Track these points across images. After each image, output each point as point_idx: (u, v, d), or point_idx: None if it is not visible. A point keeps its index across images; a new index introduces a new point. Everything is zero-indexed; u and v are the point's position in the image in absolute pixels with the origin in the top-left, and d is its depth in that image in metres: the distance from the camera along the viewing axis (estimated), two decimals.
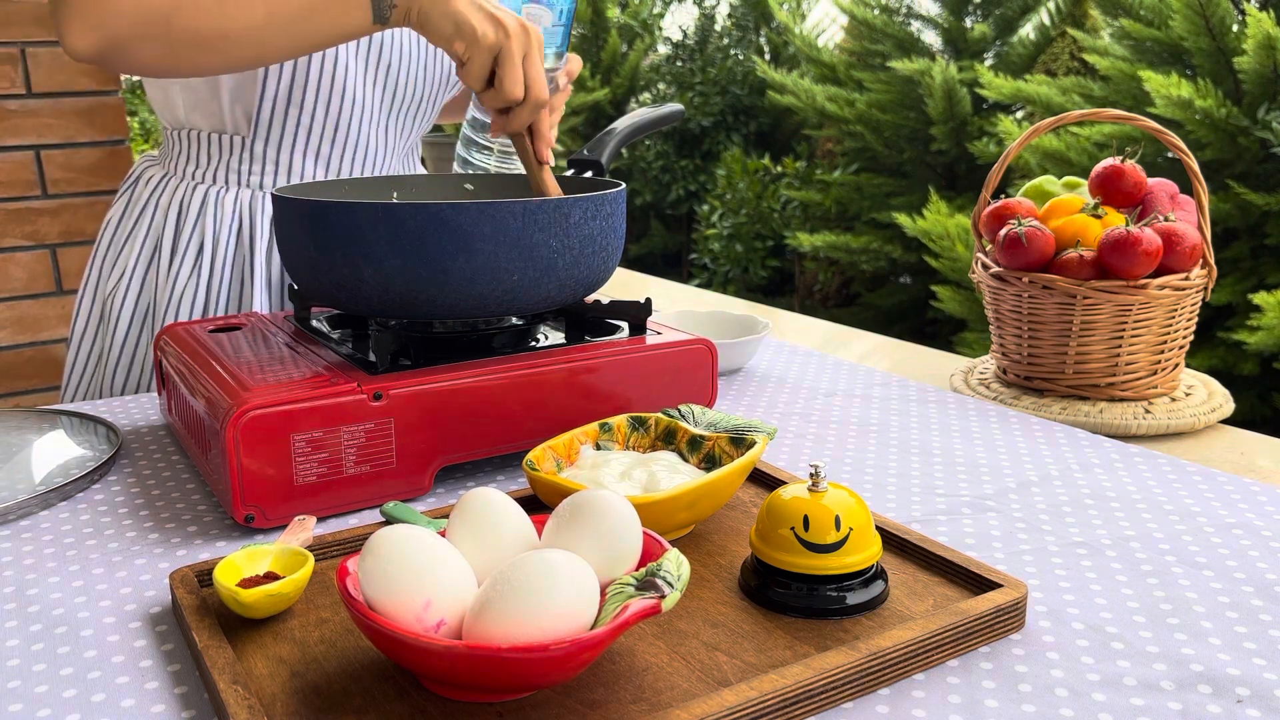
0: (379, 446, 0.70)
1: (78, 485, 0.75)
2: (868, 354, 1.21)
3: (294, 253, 0.76)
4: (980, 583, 0.56)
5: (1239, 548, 0.64)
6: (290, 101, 1.00)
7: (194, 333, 0.84)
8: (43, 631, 0.56)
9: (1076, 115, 0.93)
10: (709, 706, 0.45)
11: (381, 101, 1.05)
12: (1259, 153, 2.86)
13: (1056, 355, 0.93)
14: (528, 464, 0.65)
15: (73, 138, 1.91)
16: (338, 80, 1.00)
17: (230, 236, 1.04)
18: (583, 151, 0.97)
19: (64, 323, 1.97)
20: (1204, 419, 0.89)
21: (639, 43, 5.93)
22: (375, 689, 0.49)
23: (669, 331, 0.84)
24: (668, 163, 5.68)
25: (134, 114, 5.55)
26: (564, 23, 0.94)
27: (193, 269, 1.04)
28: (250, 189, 1.04)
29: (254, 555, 0.57)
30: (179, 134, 1.06)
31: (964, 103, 3.86)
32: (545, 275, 0.74)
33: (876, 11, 4.40)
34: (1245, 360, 2.87)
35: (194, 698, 0.50)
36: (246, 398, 0.66)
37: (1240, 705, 0.48)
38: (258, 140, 1.02)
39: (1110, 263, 0.88)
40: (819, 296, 4.99)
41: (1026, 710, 0.48)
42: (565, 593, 0.44)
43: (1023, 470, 0.77)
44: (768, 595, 0.55)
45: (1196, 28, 2.89)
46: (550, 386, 0.76)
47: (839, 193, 4.43)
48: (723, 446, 0.68)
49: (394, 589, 0.46)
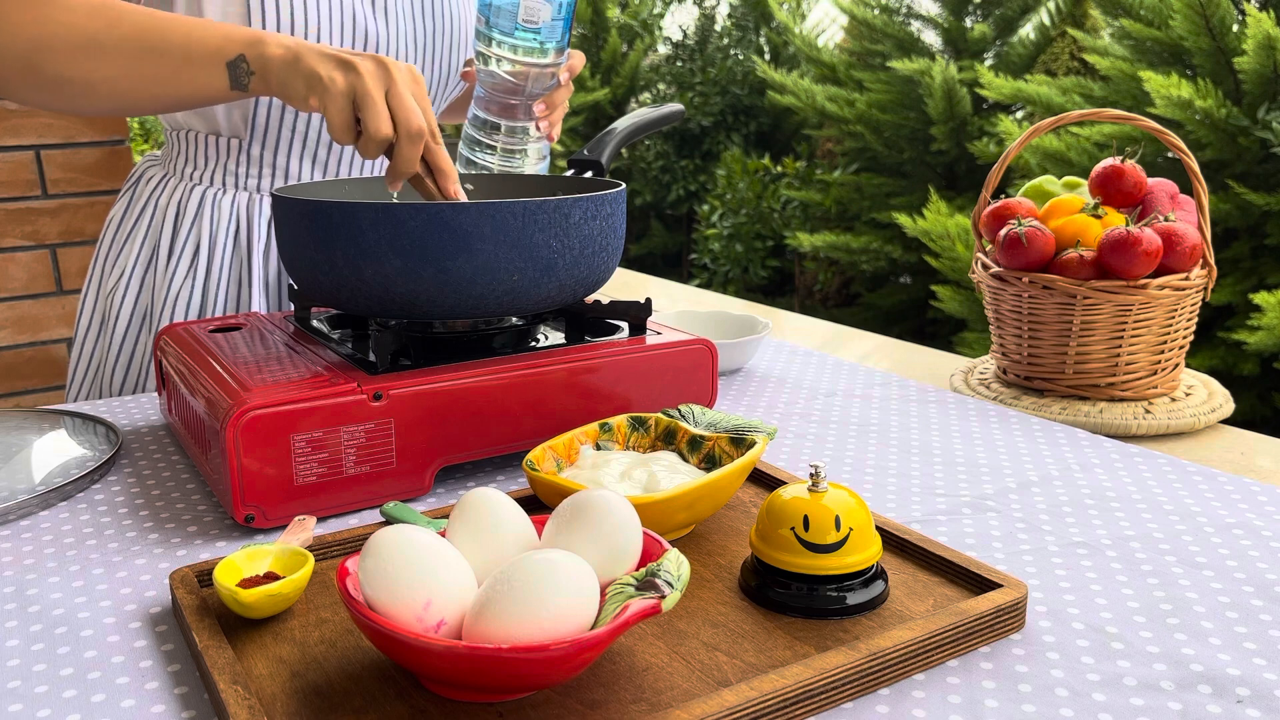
0: (379, 446, 0.70)
1: (78, 485, 0.75)
2: (868, 354, 1.21)
3: (294, 253, 0.76)
4: (980, 583, 0.56)
5: (1239, 548, 0.64)
6: (285, 106, 1.00)
7: (194, 333, 0.84)
8: (43, 631, 0.56)
9: (1076, 115, 0.94)
10: (709, 706, 0.45)
11: None
12: (1259, 153, 2.86)
13: (1056, 355, 0.93)
14: (528, 464, 0.65)
15: (73, 138, 1.92)
16: None
17: (228, 239, 1.04)
18: (583, 151, 0.97)
19: (64, 323, 1.97)
20: (1204, 419, 0.89)
21: (639, 43, 5.93)
22: (375, 689, 0.49)
23: (669, 331, 0.84)
24: (668, 163, 5.68)
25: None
26: (563, 17, 0.94)
27: (189, 271, 1.04)
28: (248, 191, 1.04)
29: (254, 555, 0.57)
30: (178, 135, 1.06)
31: (964, 103, 3.86)
32: (545, 275, 0.74)
33: (876, 11, 4.40)
34: (1245, 360, 2.87)
35: (194, 698, 0.50)
36: (246, 398, 0.66)
37: (1240, 705, 0.48)
38: (254, 143, 1.02)
39: (1110, 263, 0.88)
40: (819, 296, 5.00)
41: (1026, 710, 0.48)
42: (565, 593, 0.44)
43: (1023, 470, 0.77)
44: (768, 595, 0.55)
45: (1196, 28, 2.89)
46: (550, 386, 0.76)
47: (839, 193, 4.43)
48: (723, 447, 0.68)
49: (394, 589, 0.46)
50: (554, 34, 0.95)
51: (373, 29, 1.00)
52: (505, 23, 0.93)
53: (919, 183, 4.20)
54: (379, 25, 1.00)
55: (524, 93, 0.96)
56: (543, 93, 0.98)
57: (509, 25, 0.93)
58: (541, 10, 0.92)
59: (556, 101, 1.00)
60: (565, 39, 0.96)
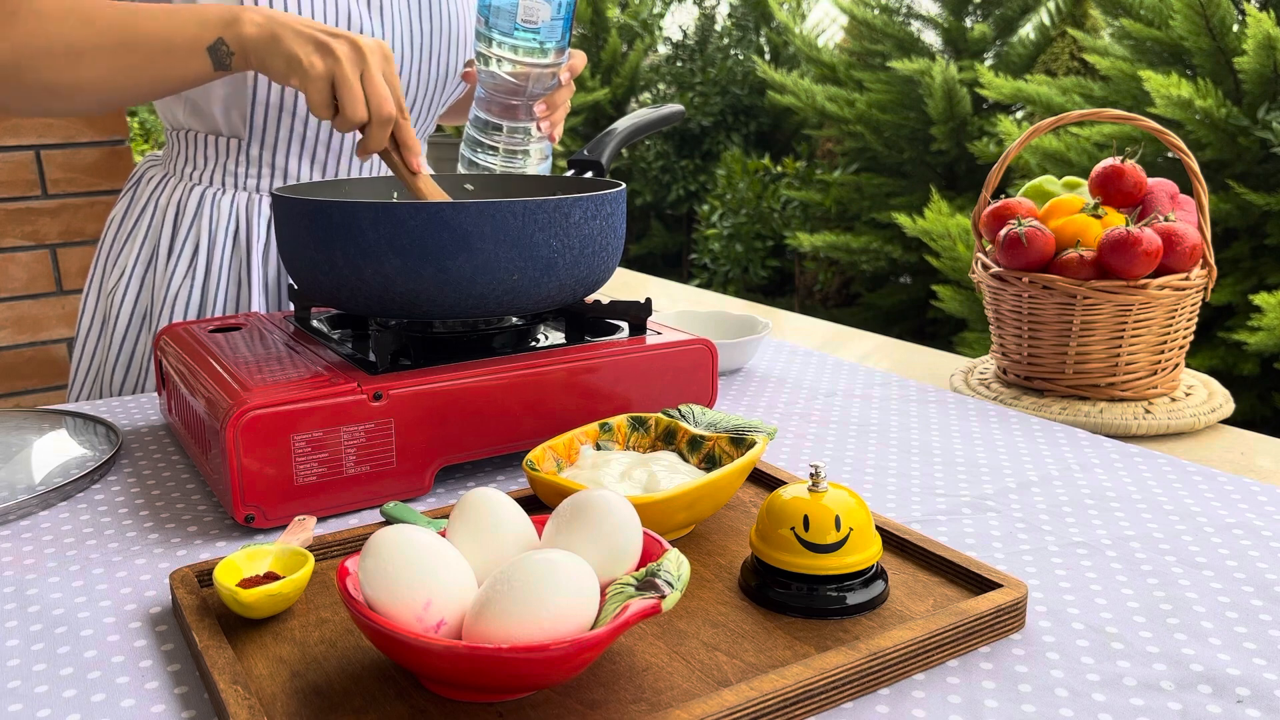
0: (379, 446, 0.70)
1: (78, 485, 0.75)
2: (868, 354, 1.21)
3: (294, 253, 0.76)
4: (980, 583, 0.56)
5: (1239, 548, 0.64)
6: (283, 107, 1.00)
7: (194, 333, 0.84)
8: (43, 631, 0.56)
9: (1076, 115, 0.93)
10: (709, 706, 0.45)
11: None
12: (1259, 153, 2.86)
13: (1056, 355, 0.93)
14: (528, 464, 0.65)
15: (73, 138, 1.91)
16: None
17: (227, 239, 1.04)
18: (583, 151, 0.97)
19: (64, 323, 1.97)
20: (1204, 419, 0.89)
21: (639, 43, 5.93)
22: (375, 689, 0.49)
23: (669, 331, 0.84)
24: (668, 163, 5.68)
25: (134, 114, 5.56)
26: (563, 16, 0.94)
27: (188, 270, 1.04)
28: (247, 192, 1.04)
29: (254, 555, 0.57)
30: (178, 135, 1.06)
31: (964, 103, 3.86)
32: (545, 275, 0.74)
33: (876, 11, 4.40)
34: (1245, 360, 2.87)
35: (194, 698, 0.50)
36: (246, 398, 0.66)
37: (1240, 705, 0.48)
38: (253, 144, 1.02)
39: (1110, 263, 0.88)
40: (819, 296, 5.00)
41: (1026, 710, 0.48)
42: (565, 593, 0.44)
43: (1023, 470, 0.77)
44: (768, 595, 0.55)
45: (1196, 28, 2.89)
46: (550, 386, 0.76)
47: (839, 193, 4.43)
48: (723, 446, 0.68)
49: (394, 589, 0.46)
50: (554, 34, 0.94)
51: (368, 27, 1.00)
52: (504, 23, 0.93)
53: (919, 183, 4.20)
54: (374, 23, 1.00)
55: (525, 93, 0.96)
56: (544, 93, 0.98)
57: (508, 25, 0.93)
58: (540, 10, 0.92)
59: (558, 102, 1.00)
60: (566, 39, 0.96)
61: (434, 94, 1.10)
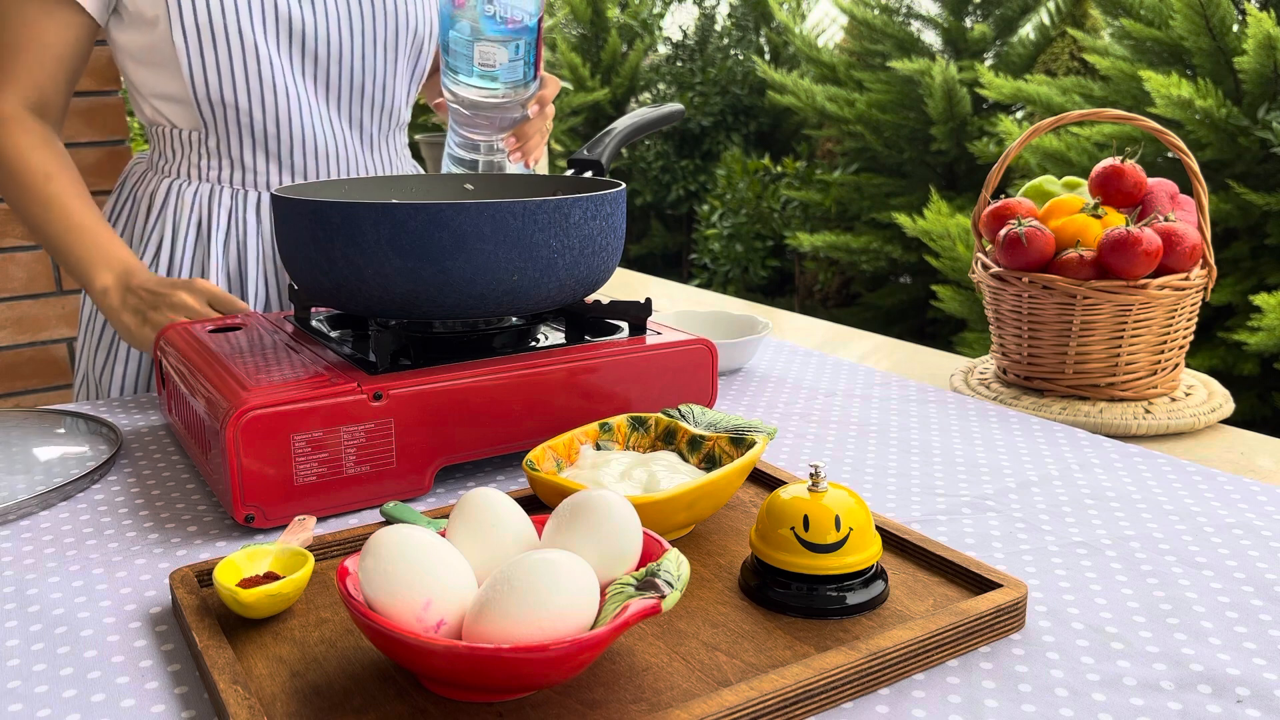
0: (379, 446, 0.70)
1: (78, 485, 0.75)
2: (868, 354, 1.21)
3: (294, 253, 0.76)
4: (980, 583, 0.56)
5: (1239, 548, 0.64)
6: (224, 102, 1.00)
7: (194, 333, 0.84)
8: (43, 631, 0.56)
9: (1076, 115, 0.94)
10: (709, 706, 0.45)
11: (318, 94, 1.04)
12: (1259, 153, 2.86)
13: (1056, 355, 0.93)
14: (528, 464, 0.65)
15: (73, 138, 1.91)
16: (265, 74, 1.00)
17: (189, 229, 1.06)
18: (583, 151, 0.97)
19: (64, 323, 1.97)
20: (1204, 419, 0.89)
21: (639, 43, 5.93)
22: (375, 689, 0.49)
23: (669, 331, 0.84)
24: (668, 163, 5.68)
25: (134, 114, 5.55)
26: (522, 57, 0.94)
27: (153, 260, 1.06)
28: (209, 183, 1.06)
29: (254, 555, 0.57)
30: (153, 130, 1.09)
31: (964, 103, 3.86)
32: (545, 275, 0.74)
33: (876, 11, 4.40)
34: (1245, 360, 2.87)
35: (194, 698, 0.50)
36: (246, 398, 0.66)
37: (1240, 705, 0.48)
38: (210, 136, 1.04)
39: (1110, 263, 0.88)
40: (819, 296, 5.00)
41: (1026, 710, 0.48)
42: (565, 593, 0.44)
43: (1023, 470, 0.77)
44: (768, 595, 0.55)
45: (1197, 28, 2.89)
46: (550, 386, 0.76)
47: (839, 193, 4.43)
48: (723, 446, 0.68)
49: (394, 589, 0.46)
50: (514, 74, 0.94)
51: (297, 15, 0.99)
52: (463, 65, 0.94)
53: (919, 183, 4.20)
54: (304, 12, 0.99)
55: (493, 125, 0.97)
56: (511, 125, 0.98)
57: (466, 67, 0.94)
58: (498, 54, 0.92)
59: (527, 134, 1.01)
60: (529, 74, 0.96)
61: (384, 84, 1.08)
